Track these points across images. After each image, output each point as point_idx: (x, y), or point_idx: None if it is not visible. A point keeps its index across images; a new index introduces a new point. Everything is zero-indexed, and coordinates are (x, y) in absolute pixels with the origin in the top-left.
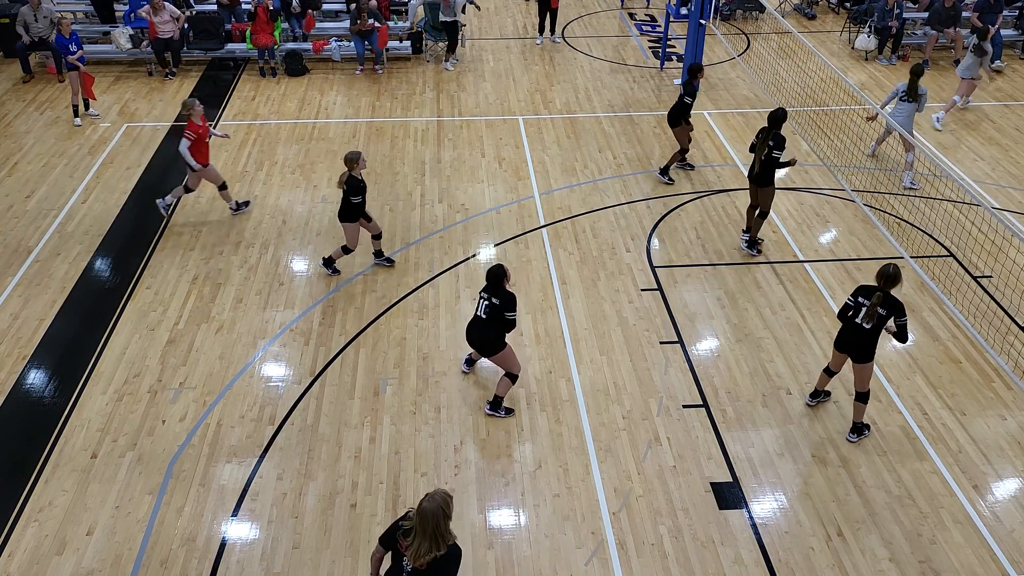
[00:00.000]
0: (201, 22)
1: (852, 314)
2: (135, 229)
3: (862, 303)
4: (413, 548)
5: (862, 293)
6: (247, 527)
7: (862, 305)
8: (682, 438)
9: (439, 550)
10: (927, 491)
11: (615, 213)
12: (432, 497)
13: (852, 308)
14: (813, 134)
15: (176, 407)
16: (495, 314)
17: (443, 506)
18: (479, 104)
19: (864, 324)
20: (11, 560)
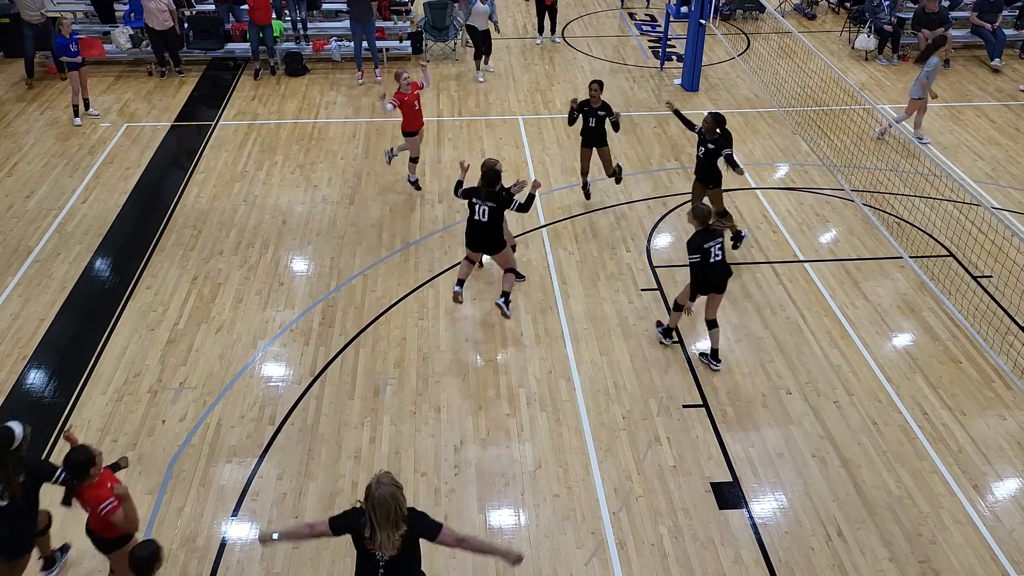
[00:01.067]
0: (201, 22)
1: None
2: (135, 229)
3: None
4: (381, 541)
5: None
6: (247, 527)
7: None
8: (682, 438)
9: (403, 528)
10: (927, 491)
11: (615, 213)
12: (379, 483)
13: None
14: (813, 134)
15: (176, 407)
16: (495, 217)
17: (394, 485)
18: (479, 104)
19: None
20: None
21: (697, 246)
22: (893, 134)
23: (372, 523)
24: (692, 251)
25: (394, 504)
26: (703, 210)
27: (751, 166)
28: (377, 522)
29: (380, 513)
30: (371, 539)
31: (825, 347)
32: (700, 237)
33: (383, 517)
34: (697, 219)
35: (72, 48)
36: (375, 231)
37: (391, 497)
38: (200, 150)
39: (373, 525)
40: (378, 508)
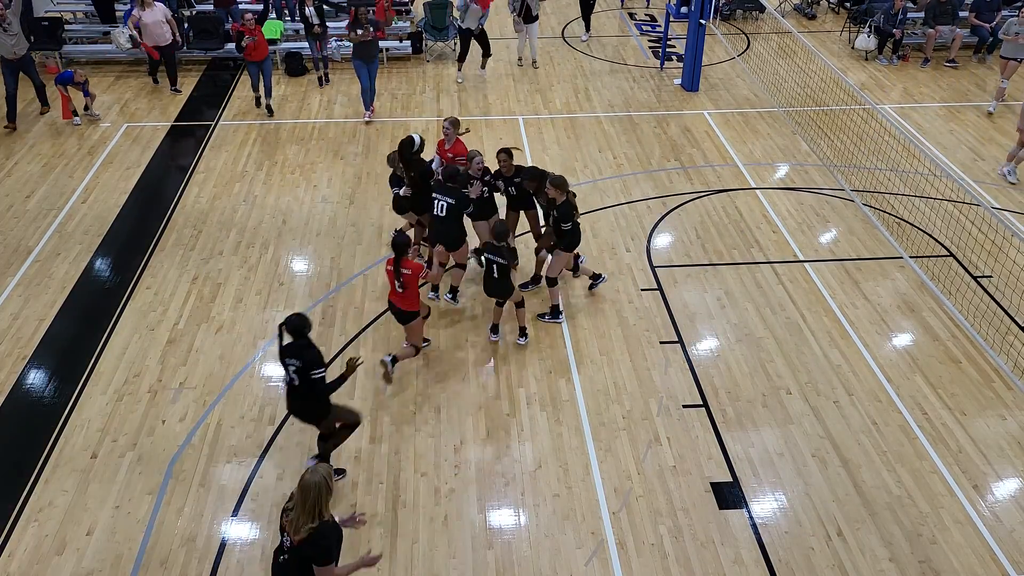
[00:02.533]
0: (201, 22)
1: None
2: (135, 229)
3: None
4: (292, 521)
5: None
6: (247, 527)
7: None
8: (682, 438)
9: (313, 523)
10: (927, 491)
11: (615, 213)
12: (314, 471)
13: None
14: (813, 134)
15: (176, 407)
16: (452, 213)
17: (326, 478)
18: (479, 104)
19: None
20: (11, 560)
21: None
22: (892, 133)
23: (296, 501)
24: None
25: (315, 492)
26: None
27: (751, 166)
28: (298, 501)
29: (301, 494)
30: (288, 515)
31: (825, 347)
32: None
33: (303, 499)
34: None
35: (77, 78)
36: (375, 231)
37: (315, 486)
38: (200, 150)
39: (295, 504)
40: (303, 490)
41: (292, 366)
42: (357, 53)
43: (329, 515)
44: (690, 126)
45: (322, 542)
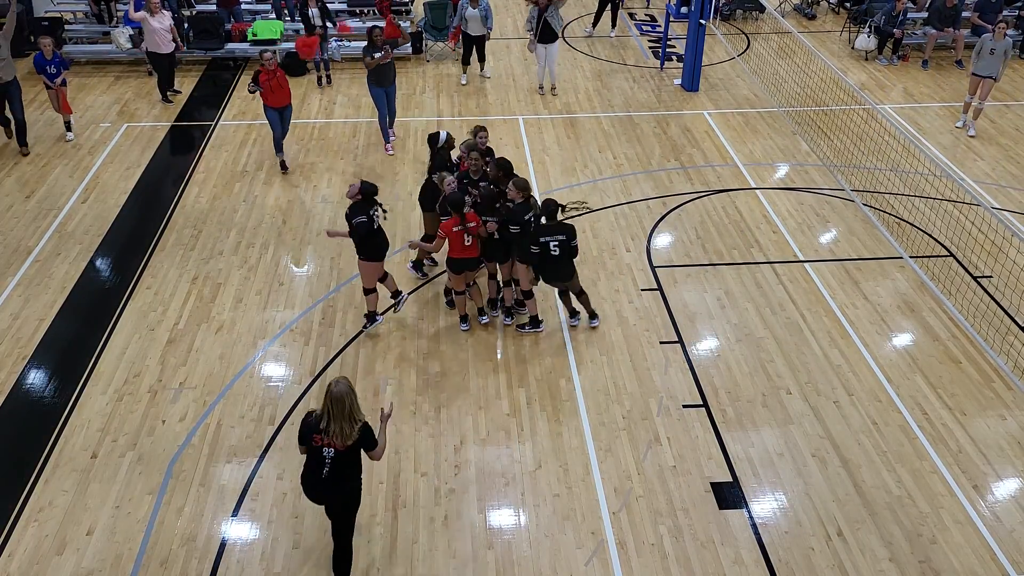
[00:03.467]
0: (201, 22)
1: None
2: (135, 229)
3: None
4: (334, 433)
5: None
6: (247, 527)
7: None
8: (682, 438)
9: (356, 424)
10: (927, 491)
11: (615, 213)
12: (338, 383)
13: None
14: (813, 134)
15: (176, 407)
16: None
17: (350, 386)
18: (479, 104)
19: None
20: (11, 560)
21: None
22: (892, 133)
23: (328, 415)
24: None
25: (348, 400)
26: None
27: (751, 166)
28: (333, 414)
29: (336, 406)
30: (324, 432)
31: (825, 347)
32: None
33: (338, 410)
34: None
35: (50, 70)
36: None
37: (346, 395)
38: (200, 150)
39: (328, 417)
40: (335, 402)
41: (554, 241)
42: (375, 79)
43: (362, 415)
44: (690, 126)
45: (369, 435)
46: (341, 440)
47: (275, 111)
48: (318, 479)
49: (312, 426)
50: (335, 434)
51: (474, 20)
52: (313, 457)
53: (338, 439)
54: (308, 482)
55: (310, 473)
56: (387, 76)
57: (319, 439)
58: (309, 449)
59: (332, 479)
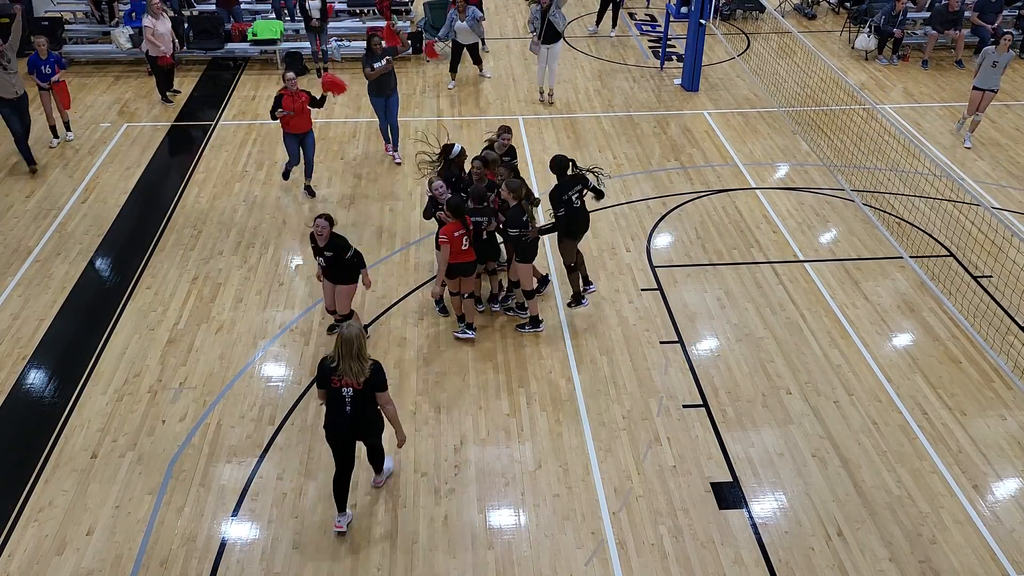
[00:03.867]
0: (201, 22)
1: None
2: (135, 229)
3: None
4: (347, 373)
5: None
6: (247, 527)
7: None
8: (682, 438)
9: (367, 363)
10: (927, 491)
11: (615, 213)
12: (348, 326)
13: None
14: (813, 134)
15: (176, 407)
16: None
17: (360, 331)
18: (479, 104)
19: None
20: (11, 560)
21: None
22: (892, 133)
23: (339, 356)
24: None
25: (357, 341)
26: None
27: (751, 166)
28: (342, 355)
29: (345, 347)
30: (337, 372)
31: (825, 347)
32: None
33: (347, 350)
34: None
35: (45, 70)
36: (375, 231)
37: (356, 336)
38: (200, 150)
39: (339, 357)
40: (344, 343)
41: (575, 194)
42: (375, 88)
43: (369, 356)
44: (690, 126)
45: (380, 373)
46: (354, 377)
47: (295, 138)
48: (342, 419)
49: (327, 369)
50: (346, 372)
51: (463, 31)
52: (334, 399)
53: (351, 377)
54: (332, 424)
55: (334, 415)
56: (387, 86)
57: (336, 381)
58: (329, 392)
59: (354, 416)
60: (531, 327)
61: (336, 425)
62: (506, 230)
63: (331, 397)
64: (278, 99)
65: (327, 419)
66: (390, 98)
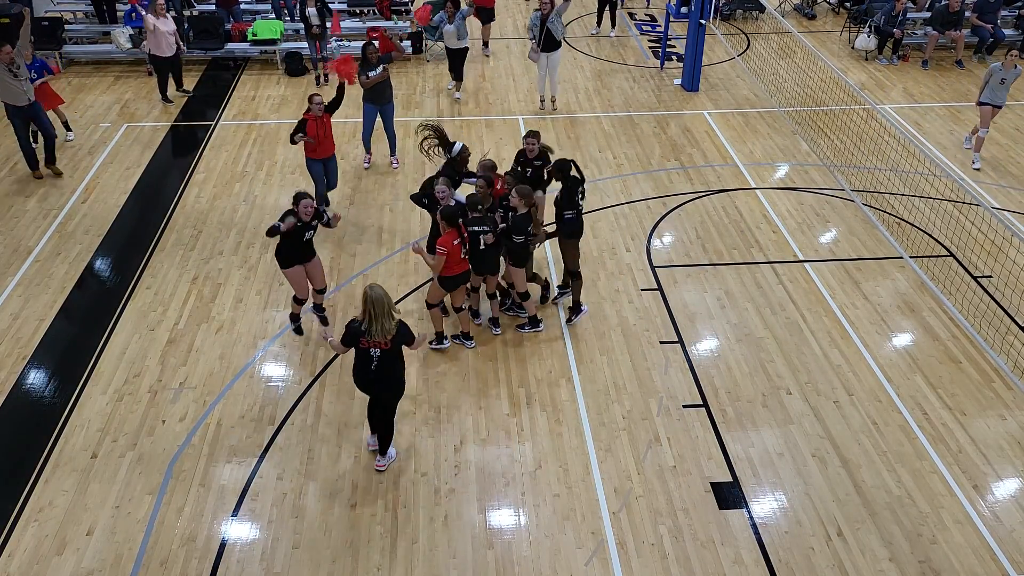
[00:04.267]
0: (201, 22)
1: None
2: (135, 229)
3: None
4: (376, 331)
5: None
6: (247, 527)
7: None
8: (682, 438)
9: (395, 320)
10: (927, 491)
11: (615, 213)
12: (373, 287)
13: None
14: (813, 134)
15: (176, 407)
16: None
17: (385, 292)
18: (479, 104)
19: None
20: (11, 560)
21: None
22: (893, 133)
23: (370, 317)
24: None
25: (385, 299)
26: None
27: (751, 166)
28: (374, 314)
29: (377, 307)
30: (367, 334)
31: (825, 347)
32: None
33: (379, 310)
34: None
35: (31, 75)
36: (375, 231)
37: (384, 296)
38: (200, 150)
39: (370, 318)
40: (375, 303)
41: (581, 195)
42: (370, 97)
43: (398, 313)
44: (690, 126)
45: (406, 329)
46: (383, 336)
47: (319, 163)
48: (368, 375)
49: (356, 331)
50: (377, 332)
51: (450, 35)
52: (361, 357)
53: (380, 336)
54: (360, 377)
55: (361, 370)
56: (382, 94)
57: (365, 342)
58: (357, 351)
59: (380, 374)
60: (531, 327)
61: (363, 381)
62: (511, 237)
63: (359, 356)
64: (302, 124)
65: (355, 373)
66: (385, 107)
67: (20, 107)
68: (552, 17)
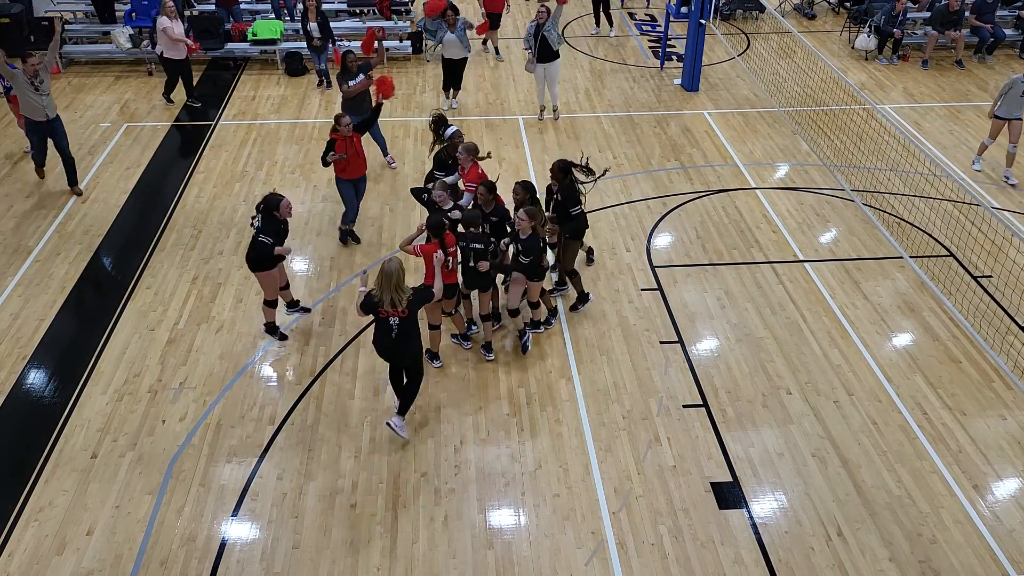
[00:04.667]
0: (201, 22)
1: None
2: (135, 229)
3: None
4: (395, 302)
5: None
6: (247, 527)
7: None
8: (682, 438)
9: (407, 291)
10: (927, 491)
11: (615, 213)
12: (390, 261)
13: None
14: (813, 134)
15: (176, 407)
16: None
17: (400, 265)
18: (479, 104)
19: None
20: (11, 560)
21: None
22: (893, 133)
23: (381, 289)
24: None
25: (397, 274)
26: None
27: (751, 166)
28: (384, 287)
29: (386, 280)
30: (382, 304)
31: (825, 347)
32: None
33: (387, 282)
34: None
35: (6, 83)
36: (375, 231)
37: (397, 269)
38: (200, 150)
39: (382, 290)
40: (386, 276)
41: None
42: (350, 107)
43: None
44: (690, 126)
45: (419, 295)
46: (398, 306)
47: (350, 184)
48: (389, 342)
49: (373, 303)
50: (392, 303)
51: (452, 45)
52: (382, 326)
53: (394, 307)
54: (381, 344)
55: (382, 338)
56: (363, 105)
57: (383, 312)
58: (377, 321)
59: (400, 341)
60: (530, 332)
61: (384, 348)
62: (521, 258)
63: (379, 325)
64: (331, 143)
65: (375, 340)
66: (364, 116)
67: (39, 122)
68: (548, 26)
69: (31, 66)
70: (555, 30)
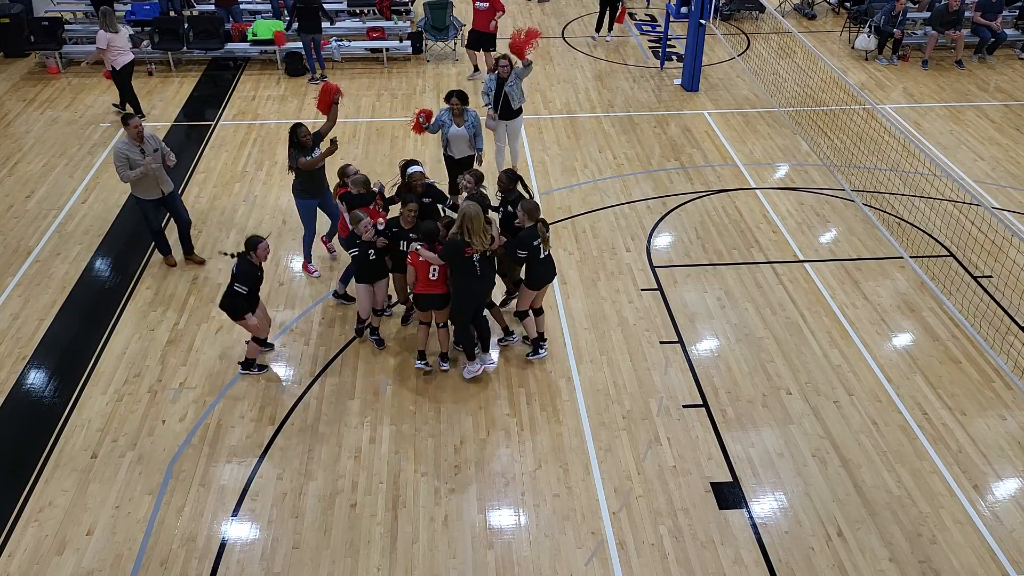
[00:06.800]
0: (201, 22)
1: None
2: (135, 229)
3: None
4: (483, 240)
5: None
6: (247, 527)
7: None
8: (682, 438)
9: (489, 232)
10: (927, 491)
11: (615, 213)
12: (469, 204)
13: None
14: (813, 134)
15: (176, 407)
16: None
17: (479, 209)
18: (478, 104)
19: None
20: (11, 560)
21: (526, 243)
22: (893, 133)
23: (468, 231)
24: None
25: (479, 214)
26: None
27: (751, 166)
28: (472, 229)
29: (475, 222)
30: (470, 244)
31: (825, 347)
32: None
33: (476, 223)
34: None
35: None
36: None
37: (478, 212)
38: (200, 150)
39: (469, 232)
40: (473, 219)
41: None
42: (304, 186)
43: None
44: (690, 126)
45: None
46: (487, 244)
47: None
48: (476, 282)
49: (460, 244)
50: (480, 243)
51: (459, 140)
52: (465, 268)
53: (485, 244)
54: (469, 289)
55: (468, 281)
56: (322, 182)
57: (468, 251)
58: (460, 261)
59: (483, 276)
60: (533, 354)
61: (473, 290)
62: (515, 252)
63: (462, 269)
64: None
65: (463, 288)
66: (326, 196)
67: (152, 201)
68: (512, 80)
69: (134, 128)
70: (518, 86)
